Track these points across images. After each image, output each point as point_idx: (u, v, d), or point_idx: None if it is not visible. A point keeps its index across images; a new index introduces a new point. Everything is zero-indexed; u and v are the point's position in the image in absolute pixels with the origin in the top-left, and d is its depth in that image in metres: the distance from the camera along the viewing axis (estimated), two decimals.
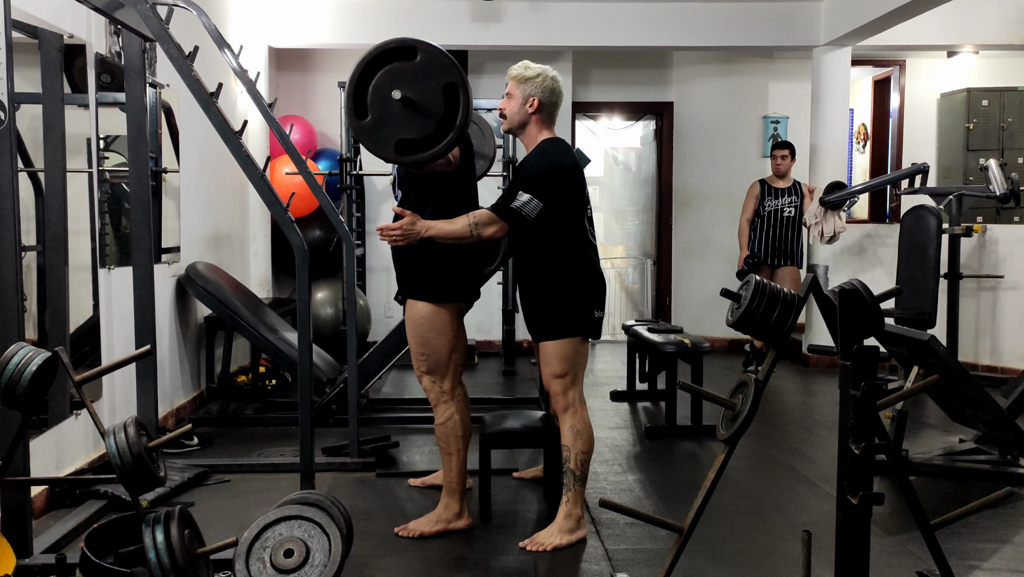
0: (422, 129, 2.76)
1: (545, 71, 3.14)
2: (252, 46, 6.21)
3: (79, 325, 3.73)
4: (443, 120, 2.77)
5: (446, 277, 3.11)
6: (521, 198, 2.98)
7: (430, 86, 2.75)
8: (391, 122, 2.75)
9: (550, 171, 3.03)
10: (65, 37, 3.51)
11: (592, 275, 3.15)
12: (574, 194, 3.09)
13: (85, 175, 3.82)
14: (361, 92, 2.76)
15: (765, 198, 6.57)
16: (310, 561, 2.54)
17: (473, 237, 3.00)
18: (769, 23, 6.68)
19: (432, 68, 2.75)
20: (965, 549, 3.06)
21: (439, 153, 2.80)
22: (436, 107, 2.75)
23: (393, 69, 2.74)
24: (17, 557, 2.67)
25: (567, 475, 3.10)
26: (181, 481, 3.68)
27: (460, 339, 3.21)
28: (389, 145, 2.78)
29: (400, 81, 2.74)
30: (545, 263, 3.10)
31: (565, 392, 3.11)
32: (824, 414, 5.28)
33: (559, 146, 3.13)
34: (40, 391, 2.41)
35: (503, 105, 3.15)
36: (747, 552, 3.08)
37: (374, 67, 2.76)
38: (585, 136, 8.49)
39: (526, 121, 3.12)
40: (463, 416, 3.21)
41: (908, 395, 2.98)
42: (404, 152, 2.80)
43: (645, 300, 8.53)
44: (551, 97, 3.14)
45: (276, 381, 5.79)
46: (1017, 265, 6.27)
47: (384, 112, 2.75)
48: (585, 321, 3.13)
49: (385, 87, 2.74)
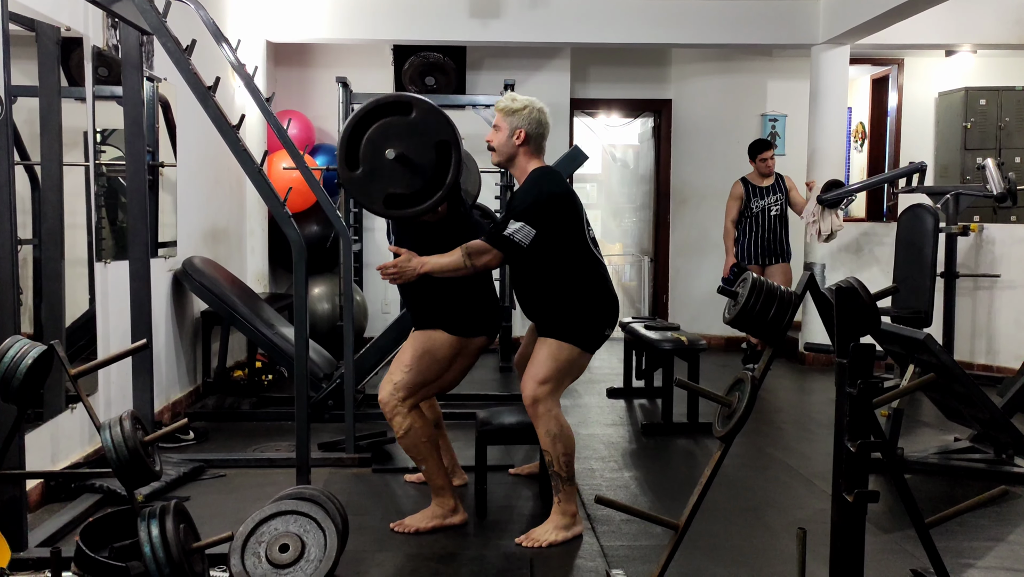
0: (412, 185, 2.79)
1: (532, 103, 3.15)
2: (250, 40, 6.20)
3: (75, 319, 3.73)
4: (433, 178, 2.78)
5: (462, 311, 3.17)
6: (513, 226, 3.00)
7: (423, 142, 2.77)
8: (382, 176, 2.78)
9: (541, 199, 3.05)
10: (62, 30, 3.50)
11: (603, 293, 3.18)
12: (570, 219, 3.10)
13: (82, 169, 3.81)
14: (354, 143, 2.77)
15: (751, 199, 6.54)
16: (305, 556, 2.54)
17: (467, 268, 3.01)
18: (768, 21, 6.67)
19: (426, 125, 2.78)
20: (960, 547, 3.07)
21: (427, 210, 2.84)
22: (428, 164, 2.77)
23: (388, 123, 2.77)
24: (12, 550, 2.68)
25: (554, 478, 3.12)
26: (177, 476, 3.68)
27: (452, 372, 3.24)
28: (379, 199, 2.81)
29: (394, 136, 2.76)
30: (553, 286, 3.13)
31: (539, 397, 3.07)
32: (820, 412, 5.29)
33: (549, 175, 3.15)
34: (36, 385, 2.41)
35: (491, 138, 3.17)
36: (742, 549, 3.09)
37: (369, 120, 2.77)
38: (583, 133, 8.48)
39: (514, 153, 3.14)
40: (423, 423, 3.17)
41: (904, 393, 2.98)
42: (393, 206, 2.83)
43: (642, 298, 8.54)
44: (538, 128, 3.15)
45: (272, 376, 5.79)
46: (1013, 264, 6.27)
47: (376, 165, 2.77)
48: (592, 334, 3.15)
49: (379, 141, 2.76)
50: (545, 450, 3.11)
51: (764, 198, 6.50)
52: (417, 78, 7.21)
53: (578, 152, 4.70)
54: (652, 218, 8.36)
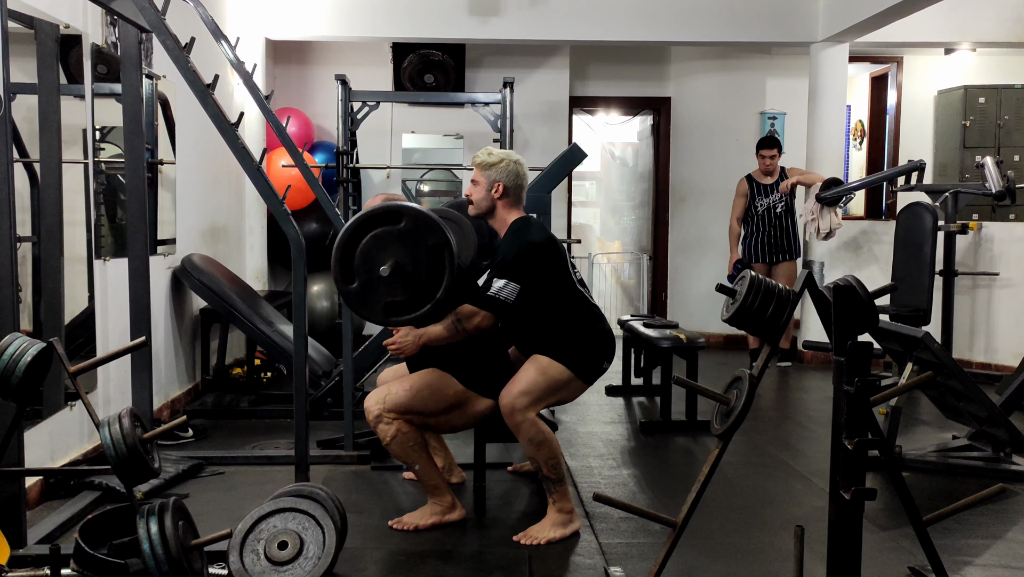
0: (409, 291, 2.79)
1: (508, 156, 3.19)
2: (249, 38, 6.19)
3: (74, 316, 3.73)
4: (430, 281, 2.79)
5: (475, 370, 3.18)
6: (497, 284, 3.03)
7: (415, 249, 2.78)
8: (378, 286, 2.78)
9: (522, 252, 3.07)
10: (61, 27, 3.50)
11: (598, 329, 3.21)
12: (554, 265, 3.13)
13: (81, 166, 3.81)
14: (348, 257, 2.78)
15: (755, 197, 6.58)
16: (304, 553, 2.55)
17: (460, 332, 3.03)
18: (767, 19, 6.67)
19: (417, 231, 2.78)
20: (957, 545, 3.07)
21: (427, 314, 2.84)
22: (422, 270, 2.78)
23: (379, 234, 2.77)
24: (11, 547, 2.68)
25: (545, 482, 3.13)
26: (176, 473, 3.68)
27: (444, 420, 3.20)
28: (378, 309, 2.82)
29: (386, 245, 2.77)
30: (547, 329, 3.15)
31: (518, 407, 3.05)
32: (818, 410, 5.29)
33: (529, 225, 3.18)
34: (35, 382, 2.41)
35: (469, 192, 3.22)
36: (740, 547, 3.09)
37: (361, 232, 2.78)
38: (582, 131, 8.48)
39: (493, 206, 3.19)
40: (408, 426, 3.14)
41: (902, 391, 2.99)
42: (392, 314, 2.84)
43: (641, 295, 8.54)
44: (516, 180, 3.18)
45: (271, 374, 5.79)
46: (1012, 263, 6.28)
47: (371, 277, 2.78)
48: (588, 364, 3.17)
49: (372, 253, 2.77)
50: (531, 458, 3.13)
51: (768, 196, 6.54)
52: (416, 76, 7.21)
53: (577, 150, 4.70)
54: (651, 216, 8.36)
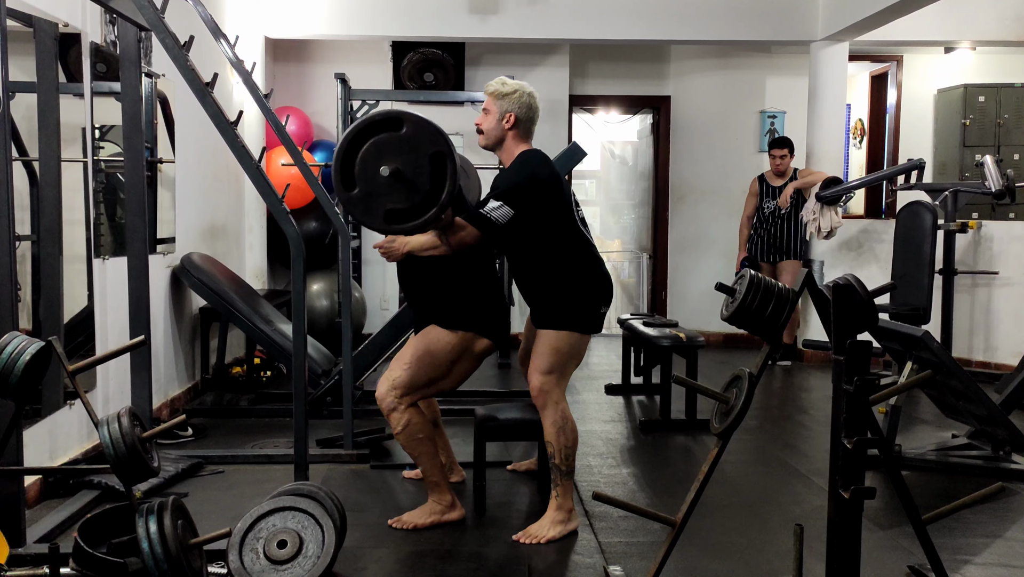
0: (410, 199, 2.78)
1: (522, 87, 3.16)
2: (248, 36, 6.19)
3: (73, 315, 3.73)
4: (431, 190, 2.78)
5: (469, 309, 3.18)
6: (491, 205, 3.04)
7: (417, 156, 2.76)
8: (379, 193, 2.77)
9: (523, 181, 3.07)
10: (60, 26, 3.50)
11: (596, 272, 3.19)
12: (555, 201, 3.11)
13: (80, 165, 3.80)
14: (348, 164, 2.77)
15: (764, 198, 6.67)
16: (303, 552, 2.55)
17: (444, 244, 3.04)
18: (767, 18, 6.67)
19: (419, 139, 2.77)
20: (956, 544, 3.07)
21: (428, 222, 2.84)
22: (423, 177, 2.77)
23: (380, 141, 2.76)
24: (10, 546, 2.68)
25: (554, 470, 3.12)
26: (175, 472, 3.68)
27: (452, 376, 3.23)
28: (379, 215, 2.81)
29: (387, 152, 2.75)
30: (544, 267, 3.14)
31: (546, 388, 3.10)
32: (818, 409, 5.29)
33: (536, 157, 3.15)
34: (34, 381, 2.41)
35: (480, 121, 3.19)
36: (739, 545, 3.09)
37: (361, 139, 2.76)
38: (582, 129, 8.47)
39: (503, 137, 3.16)
40: (420, 418, 3.17)
41: (901, 390, 2.99)
42: (393, 221, 2.83)
43: (641, 294, 8.54)
44: (528, 113, 3.16)
45: (271, 373, 5.79)
46: (1012, 261, 6.28)
47: (372, 184, 2.77)
48: (587, 316, 3.14)
49: (372, 159, 2.75)
50: (548, 441, 3.12)
51: (775, 198, 6.60)
52: (416, 74, 7.21)
53: (576, 149, 4.70)
54: (651, 215, 8.36)
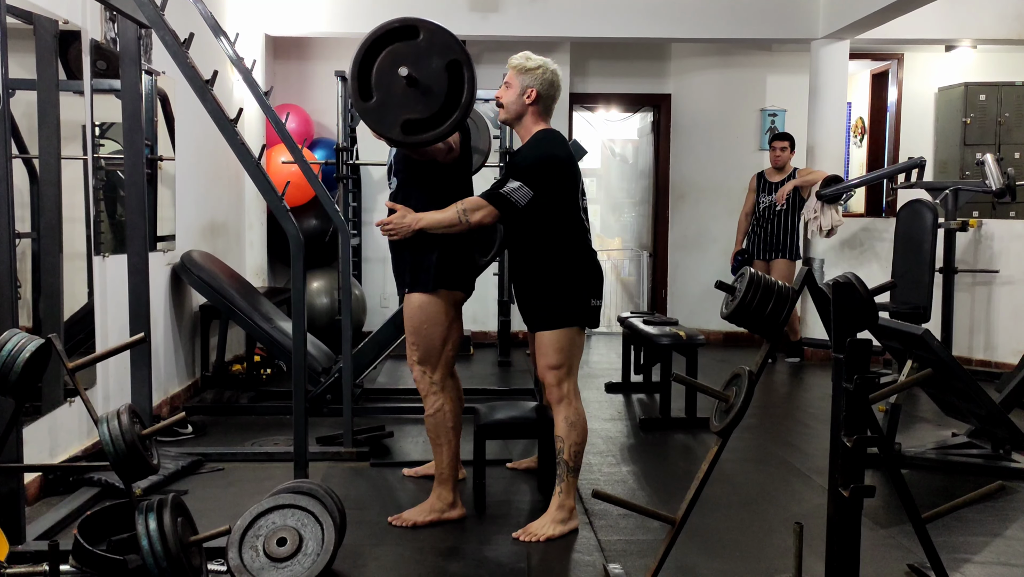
0: (428, 108, 2.73)
1: (546, 63, 3.13)
2: (249, 34, 6.18)
3: (73, 313, 3.73)
4: (448, 98, 2.74)
5: (440, 267, 3.11)
6: (511, 185, 2.99)
7: (434, 65, 2.72)
8: (396, 103, 2.73)
9: (542, 160, 3.03)
10: (60, 23, 3.49)
11: (588, 264, 3.16)
12: (567, 184, 3.09)
13: (80, 162, 3.80)
14: (365, 74, 2.73)
15: (760, 193, 6.67)
16: (303, 550, 2.55)
17: (462, 224, 2.99)
18: (767, 16, 6.67)
19: (435, 46, 2.73)
20: (956, 542, 3.07)
21: (446, 132, 2.78)
22: (440, 85, 2.72)
23: (396, 49, 2.72)
24: (10, 543, 2.68)
25: (561, 466, 3.11)
26: (175, 469, 3.68)
27: (454, 330, 3.20)
28: (396, 125, 2.76)
29: (403, 61, 2.71)
30: (540, 253, 3.11)
31: (560, 383, 3.12)
32: (818, 407, 5.29)
33: (554, 137, 3.12)
34: (34, 378, 2.41)
35: (500, 94, 3.14)
36: (739, 544, 3.09)
37: (377, 48, 2.73)
38: (582, 128, 8.47)
39: (523, 112, 3.12)
40: (453, 407, 3.20)
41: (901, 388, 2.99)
42: (410, 132, 2.78)
43: (641, 292, 8.53)
44: (550, 90, 3.13)
45: (271, 370, 5.79)
46: (1012, 260, 6.28)
47: (389, 93, 2.72)
48: (582, 310, 3.13)
49: (389, 67, 2.71)
50: (559, 436, 3.11)
51: (771, 194, 6.62)
52: None
53: (577, 147, 4.70)
54: (651, 213, 8.35)
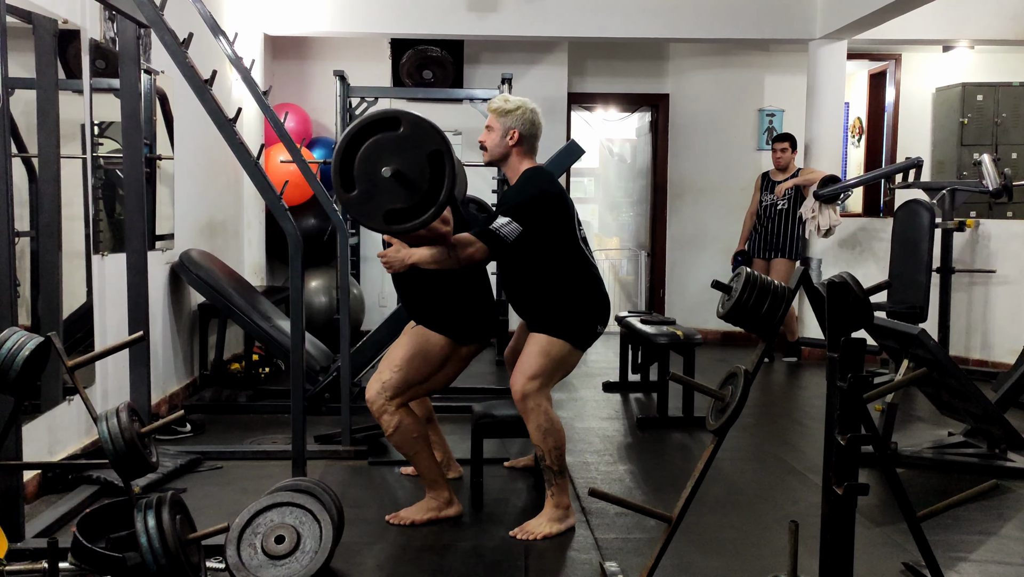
0: (410, 198, 2.78)
1: (524, 103, 3.17)
2: (247, 33, 6.19)
3: (72, 311, 3.73)
4: (429, 189, 2.78)
5: (461, 319, 3.19)
6: (499, 221, 3.03)
7: (415, 155, 2.76)
8: (379, 193, 2.77)
9: (531, 197, 3.08)
10: (59, 22, 3.50)
11: (595, 291, 3.20)
12: (560, 218, 3.13)
13: (79, 161, 3.81)
14: (348, 164, 2.77)
15: (763, 192, 6.71)
16: (301, 547, 2.56)
17: (452, 260, 3.02)
18: (765, 16, 6.68)
19: (417, 138, 2.76)
20: (951, 541, 3.09)
21: (428, 221, 2.83)
22: (422, 177, 2.76)
23: (379, 140, 2.75)
24: (9, 541, 2.69)
25: (546, 472, 3.14)
26: (173, 467, 3.69)
27: (440, 376, 3.25)
28: (378, 216, 2.80)
29: (386, 152, 2.75)
30: (545, 283, 3.15)
31: (528, 393, 3.07)
32: (815, 407, 5.30)
33: (541, 174, 3.17)
34: (33, 376, 2.41)
35: (484, 138, 3.20)
36: (735, 542, 3.11)
37: (360, 139, 2.76)
38: (580, 127, 8.48)
39: (507, 153, 3.18)
40: (411, 418, 3.17)
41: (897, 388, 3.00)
42: (393, 222, 2.82)
43: (639, 292, 8.55)
44: (531, 129, 3.17)
45: (269, 369, 5.79)
46: (1009, 260, 6.29)
47: (372, 184, 2.76)
48: (583, 331, 3.16)
49: (371, 159, 2.75)
50: (536, 445, 3.13)
51: (773, 193, 6.64)
52: (414, 72, 7.21)
53: (575, 146, 4.71)
54: (649, 212, 8.37)
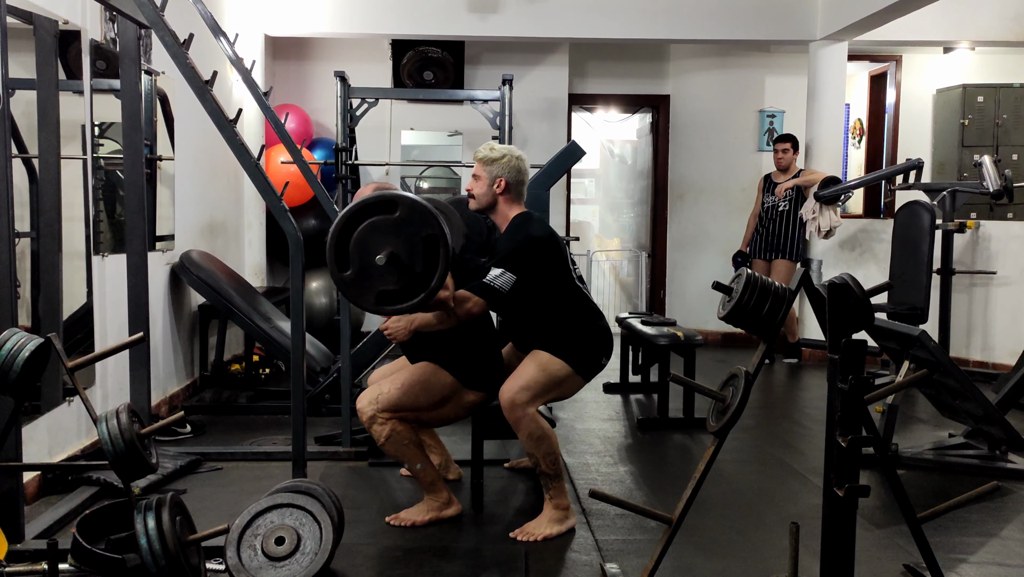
0: (402, 281, 2.78)
1: (510, 151, 3.19)
2: (248, 34, 6.19)
3: (72, 312, 3.73)
4: (423, 272, 2.78)
5: (471, 361, 3.20)
6: (493, 273, 3.04)
7: (410, 239, 2.76)
8: (372, 274, 2.76)
9: (522, 244, 3.08)
10: (60, 23, 3.50)
11: (597, 325, 3.22)
12: (554, 261, 3.14)
13: (79, 162, 3.81)
14: (343, 245, 2.77)
15: (765, 193, 6.72)
16: (301, 549, 2.56)
17: (452, 318, 3.03)
18: (766, 17, 6.68)
19: (412, 221, 2.76)
20: (952, 542, 3.08)
21: (420, 304, 2.82)
22: (417, 260, 2.76)
23: (375, 223, 2.75)
24: (9, 542, 2.69)
25: (542, 477, 3.14)
26: (173, 468, 3.69)
27: (433, 414, 3.23)
28: (370, 297, 2.80)
29: (381, 234, 2.75)
30: (546, 323, 3.16)
31: (518, 403, 3.06)
32: (816, 408, 5.30)
33: (530, 220, 3.19)
34: (33, 377, 2.41)
35: (471, 187, 3.22)
36: (736, 543, 3.10)
37: (356, 221, 2.76)
38: (581, 128, 8.48)
39: (495, 201, 3.19)
40: (401, 425, 3.16)
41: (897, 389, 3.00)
42: (385, 303, 2.82)
43: (639, 293, 8.54)
44: (518, 176, 3.19)
45: (269, 370, 5.80)
46: (1009, 261, 6.29)
47: (365, 265, 2.76)
48: (588, 360, 3.18)
49: (366, 241, 2.75)
50: (529, 453, 3.13)
51: (774, 194, 6.65)
52: (415, 73, 7.21)
53: (575, 147, 4.71)
54: (649, 213, 8.37)
